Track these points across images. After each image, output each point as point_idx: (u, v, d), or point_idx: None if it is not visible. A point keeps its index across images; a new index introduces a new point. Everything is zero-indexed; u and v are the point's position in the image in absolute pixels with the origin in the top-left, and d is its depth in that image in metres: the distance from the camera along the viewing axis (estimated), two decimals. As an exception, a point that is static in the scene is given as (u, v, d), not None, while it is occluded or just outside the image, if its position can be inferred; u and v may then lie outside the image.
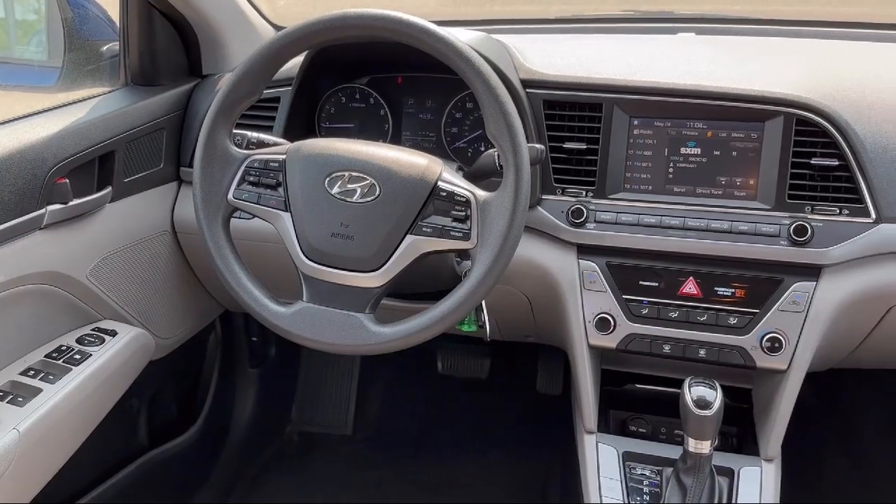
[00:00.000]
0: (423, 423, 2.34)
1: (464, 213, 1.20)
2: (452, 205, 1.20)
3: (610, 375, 1.64)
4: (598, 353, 1.56)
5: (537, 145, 1.31)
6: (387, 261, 1.20)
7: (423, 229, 1.20)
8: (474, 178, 1.38)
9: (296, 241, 1.23)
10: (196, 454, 2.08)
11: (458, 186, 1.21)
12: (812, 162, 1.35)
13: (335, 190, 1.21)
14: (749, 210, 1.39)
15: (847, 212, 1.34)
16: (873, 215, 1.34)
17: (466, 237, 1.19)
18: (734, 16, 1.93)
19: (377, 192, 1.21)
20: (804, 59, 1.51)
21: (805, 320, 1.36)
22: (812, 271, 1.36)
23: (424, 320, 1.20)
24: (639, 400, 1.62)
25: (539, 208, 1.47)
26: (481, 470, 2.20)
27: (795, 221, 1.35)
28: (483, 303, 1.48)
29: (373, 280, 1.21)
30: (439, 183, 1.21)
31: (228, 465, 2.20)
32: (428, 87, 1.63)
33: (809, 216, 1.36)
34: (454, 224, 1.20)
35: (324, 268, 1.22)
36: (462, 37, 1.35)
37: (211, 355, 2.15)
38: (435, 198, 1.21)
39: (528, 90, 1.48)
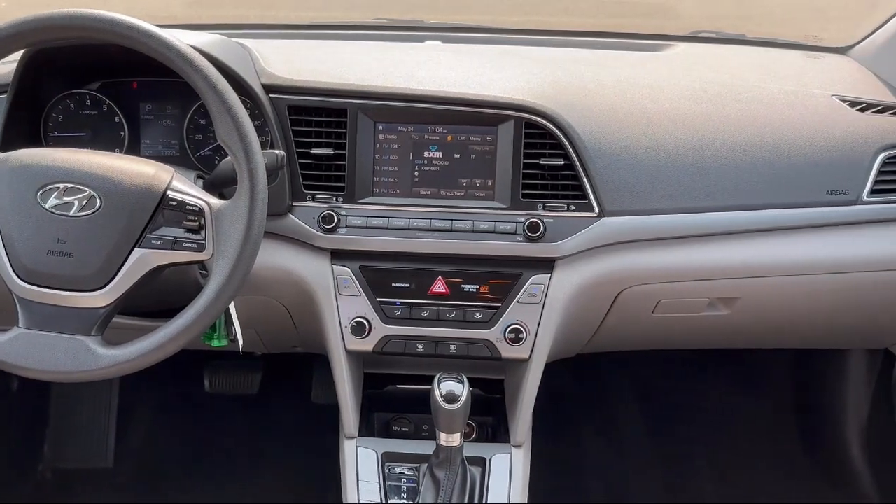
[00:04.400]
0: (192, 447, 2.23)
1: (197, 223, 1.16)
2: (184, 215, 1.16)
3: (374, 378, 1.66)
4: (359, 358, 1.57)
5: (276, 151, 1.30)
6: (113, 278, 1.14)
7: (153, 242, 1.15)
8: (215, 186, 1.34)
9: (6, 262, 1.13)
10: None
11: (190, 195, 1.17)
12: (541, 162, 1.44)
13: (49, 203, 1.12)
14: (489, 209, 1.46)
15: (574, 207, 1.44)
16: (596, 210, 1.45)
17: (201, 248, 1.16)
18: (479, 25, 2.02)
19: (98, 205, 1.13)
20: (535, 67, 1.61)
21: (542, 310, 1.45)
22: (546, 264, 1.45)
23: (158, 338, 1.14)
24: (403, 400, 1.64)
25: (290, 215, 1.46)
26: (257, 488, 2.13)
27: (529, 218, 1.43)
28: (234, 315, 1.44)
29: (98, 299, 1.14)
30: (169, 192, 1.16)
31: (-33, 515, 1.97)
32: (167, 91, 1.56)
33: (542, 213, 1.44)
34: (187, 235, 1.16)
35: (41, 289, 1.12)
36: (193, 40, 1.31)
37: (-66, 395, 1.92)
38: (164, 208, 1.16)
39: (271, 95, 1.45)
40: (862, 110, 1.60)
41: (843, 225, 1.51)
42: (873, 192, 1.52)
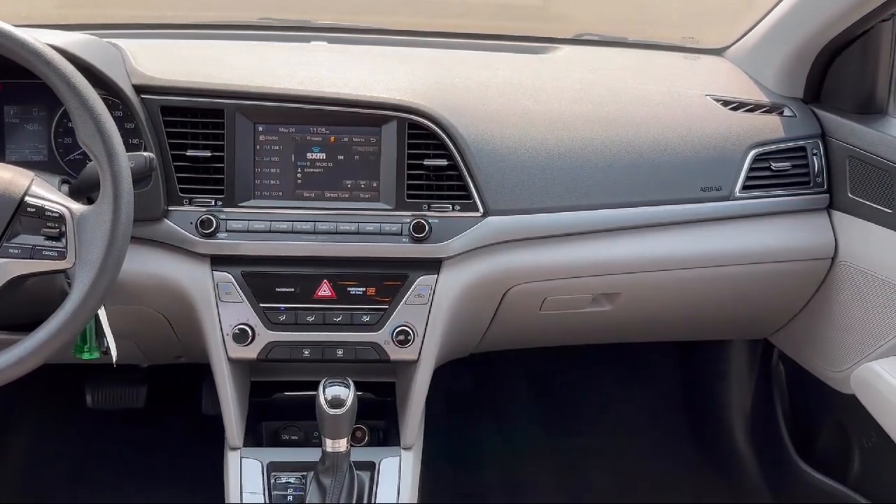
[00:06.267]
0: (75, 467, 2.12)
1: (57, 230, 1.10)
2: (44, 221, 1.10)
3: (262, 386, 1.62)
4: (244, 366, 1.53)
5: (144, 153, 1.25)
6: (-34, 289, 1.07)
7: (10, 251, 1.10)
8: (81, 192, 1.28)
9: None
10: None
11: (50, 201, 1.12)
12: (425, 163, 1.43)
13: None
14: (374, 211, 1.44)
15: (459, 208, 1.45)
16: (481, 210, 1.45)
17: (62, 256, 1.11)
18: (367, 27, 2.00)
19: (-51, 213, 1.07)
20: (419, 67, 1.60)
21: (430, 311, 1.44)
22: (433, 265, 1.45)
23: (17, 353, 1.09)
24: (292, 407, 1.61)
25: (166, 220, 1.41)
26: (146, 504, 2.05)
27: (415, 219, 1.42)
28: (106, 325, 1.38)
29: (-48, 312, 1.07)
30: (27, 198, 1.11)
31: None
32: (33, 94, 1.47)
33: (427, 214, 1.44)
34: (47, 243, 1.10)
35: None
36: (53, 39, 1.25)
37: None
38: (22, 215, 1.10)
39: (142, 96, 1.40)
40: (734, 109, 1.66)
41: (717, 220, 1.57)
42: (745, 187, 1.58)
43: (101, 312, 1.35)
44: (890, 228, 1.51)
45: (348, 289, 1.44)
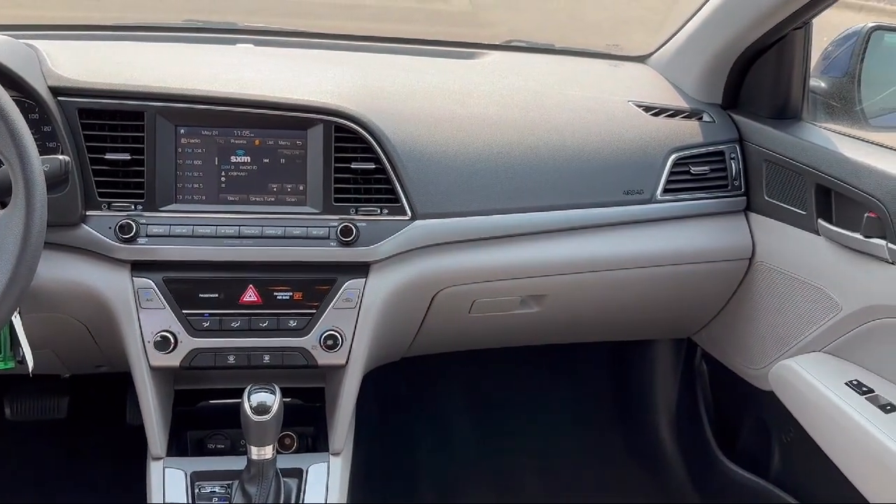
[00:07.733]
0: (-7, 481, 2.05)
1: (-35, 236, 1.06)
2: None
3: (189, 395, 1.58)
4: (168, 374, 1.50)
5: (59, 156, 1.22)
6: None
7: (-86, 257, 1.04)
8: (-8, 196, 1.24)
9: None
10: None
11: (-43, 205, 1.07)
12: (352, 166, 1.43)
13: None
14: (301, 215, 1.43)
15: (387, 211, 1.45)
16: (409, 213, 1.46)
17: (-29, 262, 1.06)
18: (295, 30, 1.99)
19: None
20: (346, 71, 1.60)
21: (358, 315, 1.44)
22: (361, 269, 1.44)
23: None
24: (219, 415, 1.58)
25: (83, 225, 1.37)
26: (68, 519, 1.98)
27: (342, 223, 1.41)
28: (21, 334, 1.33)
29: None
30: (-68, 203, 1.06)
31: None
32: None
33: (355, 217, 1.43)
34: (-46, 249, 1.06)
35: None
36: (-38, 38, 1.21)
37: None
38: None
39: (59, 98, 1.36)
40: (655, 115, 1.70)
41: (639, 223, 1.61)
42: (665, 191, 1.63)
43: (17, 321, 1.31)
44: (804, 229, 1.57)
45: (275, 294, 1.42)
